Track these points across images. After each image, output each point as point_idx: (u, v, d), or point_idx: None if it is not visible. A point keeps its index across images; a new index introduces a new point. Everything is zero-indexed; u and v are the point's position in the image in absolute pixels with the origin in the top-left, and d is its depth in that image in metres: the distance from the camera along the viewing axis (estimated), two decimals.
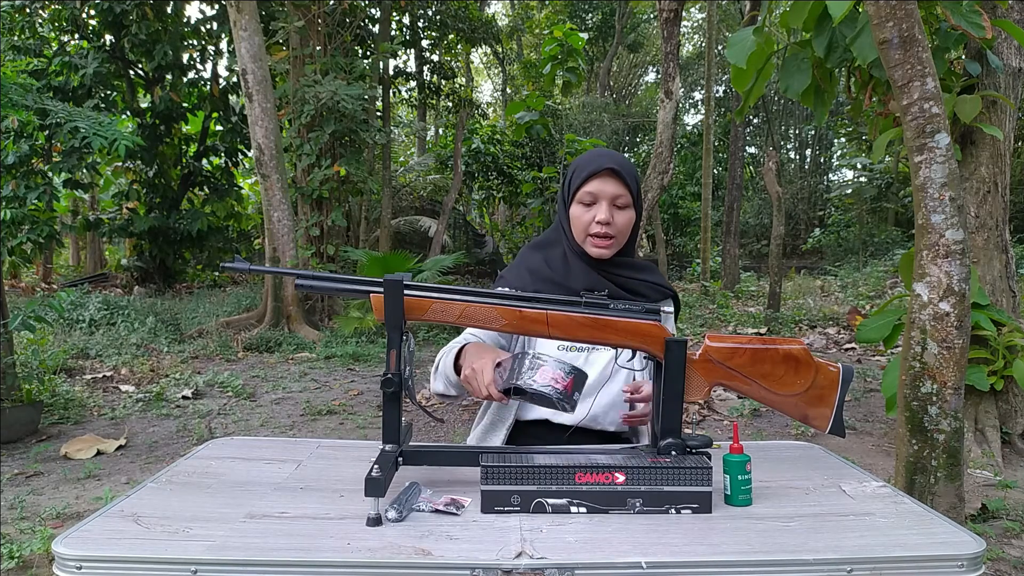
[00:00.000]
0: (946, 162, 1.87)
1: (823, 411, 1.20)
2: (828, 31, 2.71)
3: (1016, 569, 2.44)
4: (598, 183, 1.40)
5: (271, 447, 1.43)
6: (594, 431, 1.51)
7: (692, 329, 7.95)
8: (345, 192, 9.19)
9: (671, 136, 6.14)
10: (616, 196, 1.40)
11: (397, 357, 1.11)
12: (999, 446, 3.50)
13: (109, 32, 10.71)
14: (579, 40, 10.05)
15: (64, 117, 5.49)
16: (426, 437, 4.24)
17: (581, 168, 1.42)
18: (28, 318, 3.96)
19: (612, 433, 1.53)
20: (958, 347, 1.89)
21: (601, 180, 1.40)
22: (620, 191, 1.40)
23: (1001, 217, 3.56)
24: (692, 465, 1.10)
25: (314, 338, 7.37)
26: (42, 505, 3.02)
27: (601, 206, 1.40)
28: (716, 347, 1.18)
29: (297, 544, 0.94)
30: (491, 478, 1.09)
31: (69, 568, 0.90)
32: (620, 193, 1.40)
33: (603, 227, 1.39)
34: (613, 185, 1.40)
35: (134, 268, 11.99)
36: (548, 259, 1.48)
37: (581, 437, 1.49)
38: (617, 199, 1.40)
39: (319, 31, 8.91)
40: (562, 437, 1.48)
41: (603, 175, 1.39)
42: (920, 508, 1.12)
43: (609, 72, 22.07)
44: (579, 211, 1.42)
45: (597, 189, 1.40)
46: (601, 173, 1.39)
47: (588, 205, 1.41)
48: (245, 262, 1.14)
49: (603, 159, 1.41)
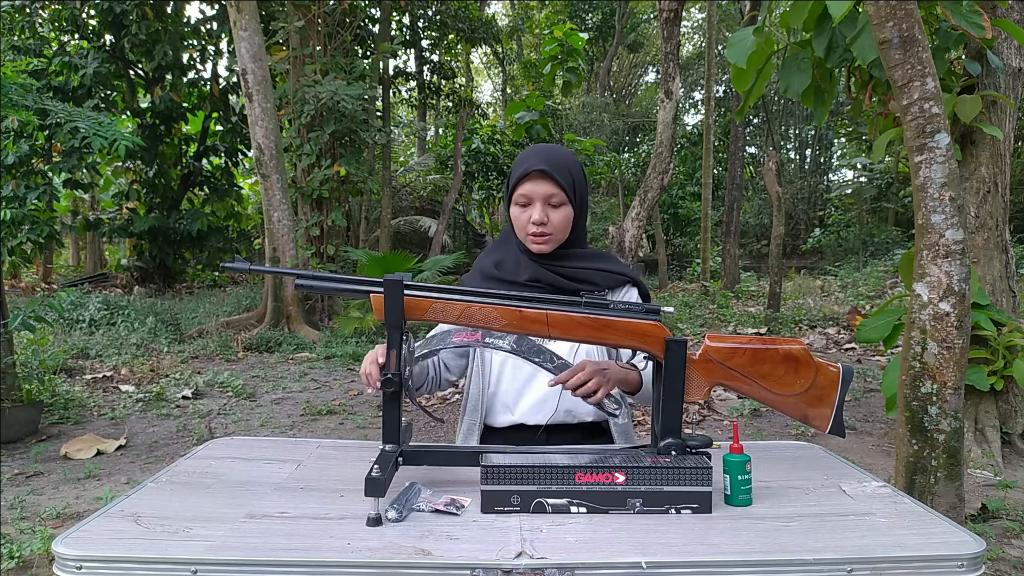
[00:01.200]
0: (946, 162, 1.87)
1: (823, 411, 1.20)
2: (828, 31, 2.71)
3: (1016, 569, 2.44)
4: (530, 185, 1.41)
5: (271, 447, 1.43)
6: (572, 425, 1.51)
7: (692, 329, 7.95)
8: (345, 192, 9.19)
9: (671, 136, 6.14)
10: (549, 196, 1.41)
11: (397, 357, 1.11)
12: (999, 446, 3.50)
13: (109, 32, 10.71)
14: (579, 40, 10.06)
15: (64, 117, 5.48)
16: (426, 437, 4.24)
17: (514, 170, 1.44)
18: (28, 318, 3.96)
19: (592, 423, 1.53)
20: (958, 347, 1.89)
21: (532, 182, 1.40)
22: (552, 190, 1.40)
23: (1001, 217, 3.56)
24: (692, 465, 1.10)
25: (314, 338, 7.37)
26: (42, 505, 3.02)
27: (535, 207, 1.41)
28: (716, 347, 1.18)
29: (297, 544, 0.94)
30: (491, 478, 1.09)
31: (69, 568, 0.90)
32: (552, 192, 1.40)
33: (538, 227, 1.41)
34: (544, 185, 1.40)
35: (134, 268, 11.99)
36: (499, 260, 1.50)
37: (560, 435, 1.49)
38: (551, 198, 1.41)
39: (319, 31, 8.91)
40: (538, 438, 1.48)
41: (533, 176, 1.40)
42: (920, 508, 1.12)
43: (609, 72, 22.06)
44: (516, 212, 1.44)
45: (529, 191, 1.41)
46: (531, 175, 1.40)
47: (524, 206, 1.43)
48: (245, 262, 1.14)
49: (532, 160, 1.41)
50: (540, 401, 1.48)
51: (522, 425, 1.51)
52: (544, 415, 1.48)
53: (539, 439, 1.48)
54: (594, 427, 1.54)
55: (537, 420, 1.49)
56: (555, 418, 1.48)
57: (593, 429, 1.54)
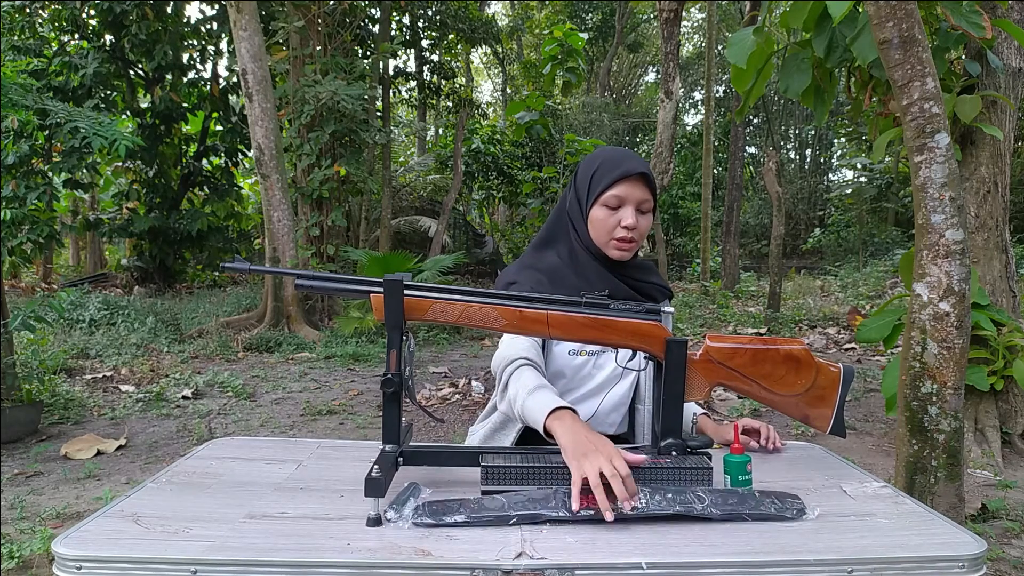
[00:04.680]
0: (946, 162, 1.87)
1: (824, 411, 1.19)
2: (828, 31, 2.71)
3: (1016, 569, 2.44)
4: (626, 187, 1.35)
5: (271, 447, 1.43)
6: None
7: (692, 329, 7.95)
8: (345, 192, 9.19)
9: (671, 136, 6.14)
10: (642, 201, 1.36)
11: (397, 357, 1.11)
12: (999, 446, 3.50)
13: (109, 32, 10.71)
14: (579, 40, 10.05)
15: (64, 117, 5.48)
16: (426, 437, 4.24)
17: (607, 169, 1.36)
18: (28, 318, 3.96)
19: (611, 436, 1.52)
20: (958, 347, 1.88)
21: (630, 184, 1.35)
22: (646, 196, 1.37)
23: (1001, 217, 3.55)
24: (692, 465, 1.10)
25: (314, 338, 7.37)
26: (42, 505, 3.02)
27: (628, 211, 1.35)
28: (716, 347, 1.18)
29: (297, 544, 0.94)
30: (491, 478, 1.08)
31: (69, 568, 0.90)
32: (646, 198, 1.37)
33: (629, 232, 1.35)
34: (641, 190, 1.36)
35: (134, 268, 11.99)
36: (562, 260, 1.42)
37: None
38: (642, 204, 1.37)
39: (319, 31, 8.91)
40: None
41: (632, 179, 1.35)
42: (920, 508, 1.12)
43: (609, 72, 22.06)
44: (603, 214, 1.36)
45: (625, 193, 1.35)
46: (631, 177, 1.34)
47: (614, 208, 1.36)
48: (245, 262, 1.13)
49: (633, 162, 1.36)
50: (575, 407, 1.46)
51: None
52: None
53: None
54: (612, 439, 1.53)
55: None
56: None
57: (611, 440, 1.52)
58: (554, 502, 1.02)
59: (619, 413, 1.51)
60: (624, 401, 1.52)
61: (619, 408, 1.50)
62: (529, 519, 1.01)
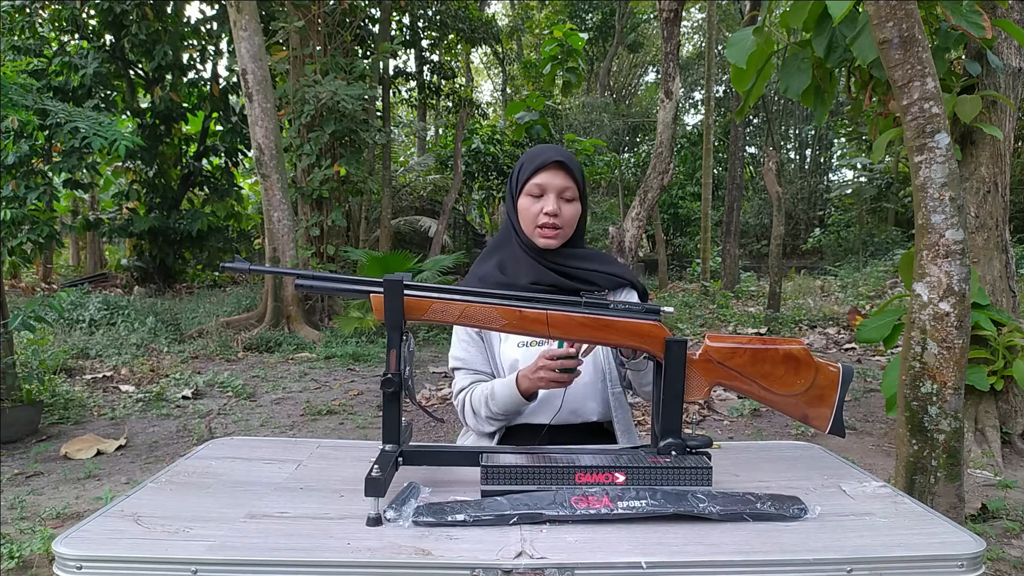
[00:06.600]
0: (946, 162, 1.87)
1: (823, 411, 1.19)
2: (828, 31, 2.71)
3: (1016, 569, 2.44)
4: (546, 176, 1.43)
5: (271, 447, 1.43)
6: (576, 424, 1.51)
7: (692, 329, 7.95)
8: (345, 192, 9.19)
9: (671, 136, 6.14)
10: (563, 189, 1.44)
11: (397, 357, 1.11)
12: (999, 446, 3.50)
13: (109, 32, 10.71)
14: (579, 40, 10.06)
15: (64, 117, 5.48)
16: (426, 437, 4.24)
17: (529, 161, 1.46)
18: (28, 318, 3.96)
19: (595, 423, 1.53)
20: (958, 347, 1.89)
21: (549, 173, 1.43)
22: (567, 183, 1.44)
23: (1001, 217, 3.55)
24: (692, 465, 1.10)
25: (314, 338, 7.37)
26: (42, 505, 3.02)
27: (549, 198, 1.43)
28: (716, 347, 1.18)
29: (297, 544, 0.94)
30: (491, 478, 1.08)
31: (69, 568, 0.90)
32: (567, 186, 1.44)
33: (551, 218, 1.42)
34: (560, 178, 1.43)
35: (134, 268, 11.99)
36: (500, 263, 1.50)
37: (564, 435, 1.50)
38: (564, 192, 1.44)
39: (319, 31, 8.91)
40: (541, 438, 1.49)
41: (551, 168, 1.43)
42: (920, 508, 1.12)
43: (609, 72, 22.05)
44: (527, 203, 1.45)
45: (545, 181, 1.43)
46: (549, 166, 1.43)
47: (536, 197, 1.44)
48: (245, 262, 1.14)
49: (550, 152, 1.45)
50: (545, 401, 1.49)
51: (526, 425, 1.51)
52: (548, 415, 1.48)
53: (542, 439, 1.48)
54: (597, 427, 1.54)
55: (541, 420, 1.49)
56: (559, 418, 1.48)
57: (596, 429, 1.54)
58: (554, 502, 1.02)
59: (596, 401, 1.52)
60: (594, 385, 1.52)
61: (592, 394, 1.52)
62: (529, 519, 1.01)
